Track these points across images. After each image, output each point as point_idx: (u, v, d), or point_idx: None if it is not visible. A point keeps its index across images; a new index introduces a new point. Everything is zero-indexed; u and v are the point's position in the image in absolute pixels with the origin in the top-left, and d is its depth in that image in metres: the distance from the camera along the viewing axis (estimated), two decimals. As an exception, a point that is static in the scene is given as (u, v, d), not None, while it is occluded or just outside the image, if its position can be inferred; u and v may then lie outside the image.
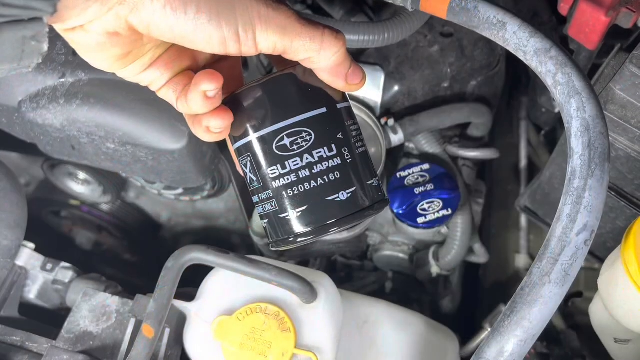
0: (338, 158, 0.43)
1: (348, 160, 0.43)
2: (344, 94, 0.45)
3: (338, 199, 0.42)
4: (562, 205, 0.50)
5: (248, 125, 0.42)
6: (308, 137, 0.42)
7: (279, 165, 0.42)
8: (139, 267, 1.29)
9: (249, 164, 0.43)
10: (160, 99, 0.65)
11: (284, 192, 0.42)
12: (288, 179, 0.42)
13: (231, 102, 0.42)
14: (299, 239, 0.43)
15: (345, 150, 0.43)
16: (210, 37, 0.38)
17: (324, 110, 0.42)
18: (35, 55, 0.36)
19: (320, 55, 0.40)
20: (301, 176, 0.42)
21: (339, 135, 0.43)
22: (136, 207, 1.20)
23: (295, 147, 0.42)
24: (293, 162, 0.42)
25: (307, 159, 0.42)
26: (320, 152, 0.42)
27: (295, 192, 0.42)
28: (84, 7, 0.36)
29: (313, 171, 0.42)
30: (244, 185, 0.90)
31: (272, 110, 0.41)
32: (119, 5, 0.37)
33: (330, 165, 0.42)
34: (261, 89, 0.41)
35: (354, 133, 0.45)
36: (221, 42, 0.38)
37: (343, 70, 0.42)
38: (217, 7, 0.37)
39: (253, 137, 0.42)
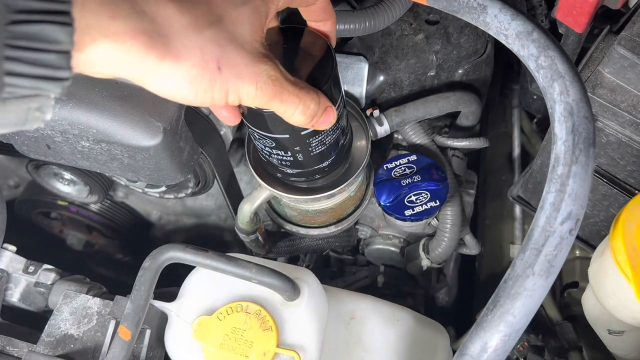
0: (291, 157, 0.63)
1: (299, 159, 0.63)
2: None
3: (287, 173, 0.67)
4: (546, 194, 0.48)
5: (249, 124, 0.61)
6: (270, 143, 0.61)
7: (258, 144, 0.64)
8: (131, 266, 1.28)
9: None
10: (134, 95, 0.64)
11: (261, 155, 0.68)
12: (262, 152, 0.66)
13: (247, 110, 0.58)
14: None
15: (298, 154, 0.62)
16: (201, 103, 0.46)
17: (286, 136, 0.59)
18: (37, 121, 0.38)
19: (291, 120, 0.52)
20: (267, 155, 0.65)
21: (296, 148, 0.61)
22: (125, 206, 1.19)
23: (263, 141, 0.62)
24: (262, 147, 0.64)
25: (268, 150, 0.63)
26: (278, 153, 0.62)
27: (265, 161, 0.68)
28: (96, 75, 0.41)
29: (271, 157, 0.64)
30: (229, 182, 0.89)
31: (259, 123, 0.59)
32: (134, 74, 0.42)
33: (284, 159, 0.63)
34: (258, 114, 0.57)
35: (314, 143, 0.61)
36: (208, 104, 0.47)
37: (310, 123, 0.53)
38: (211, 87, 0.45)
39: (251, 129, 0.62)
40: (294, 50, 0.57)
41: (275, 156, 0.63)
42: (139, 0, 0.40)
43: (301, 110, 0.51)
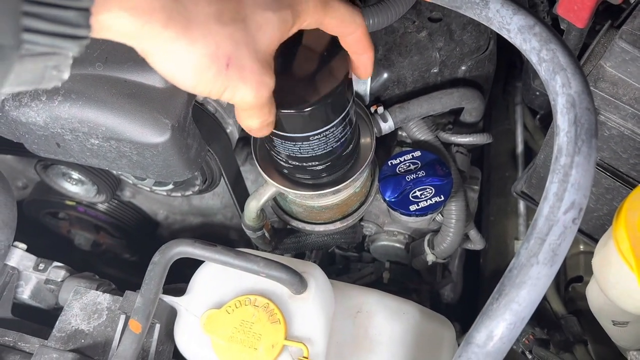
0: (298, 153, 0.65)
1: (307, 155, 0.65)
2: None
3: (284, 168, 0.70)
4: (549, 184, 0.49)
5: None
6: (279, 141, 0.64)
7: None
8: (138, 266, 1.28)
9: None
10: (142, 93, 0.65)
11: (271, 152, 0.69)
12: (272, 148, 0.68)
13: None
14: None
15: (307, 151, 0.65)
16: (198, 92, 0.47)
17: (297, 135, 0.63)
18: (54, 80, 0.37)
19: (242, 122, 0.54)
20: (276, 153, 0.68)
21: (304, 144, 0.64)
22: (133, 206, 1.20)
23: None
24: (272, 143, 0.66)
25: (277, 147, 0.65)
26: (286, 149, 0.65)
27: (274, 157, 0.70)
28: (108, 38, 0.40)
29: (279, 154, 0.67)
30: (235, 179, 0.90)
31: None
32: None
33: (292, 154, 0.66)
34: None
35: (323, 140, 0.63)
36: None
37: (251, 131, 0.56)
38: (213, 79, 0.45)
39: None
40: (312, 53, 0.59)
41: (284, 150, 0.65)
42: None
43: (259, 122, 0.53)
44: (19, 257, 0.79)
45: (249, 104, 0.49)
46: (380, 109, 0.82)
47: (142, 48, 0.42)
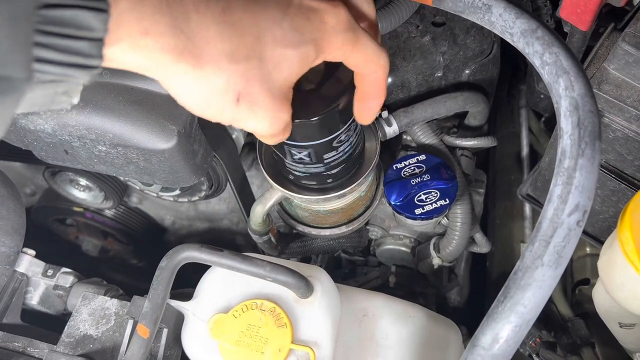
0: (306, 161, 0.66)
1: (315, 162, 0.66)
2: None
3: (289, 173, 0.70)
4: (553, 187, 0.49)
5: None
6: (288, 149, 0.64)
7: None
8: (146, 271, 1.29)
9: None
10: (149, 100, 0.66)
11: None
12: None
13: None
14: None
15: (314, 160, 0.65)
16: (206, 118, 0.47)
17: (308, 143, 0.63)
18: (64, 104, 0.37)
19: (258, 135, 0.53)
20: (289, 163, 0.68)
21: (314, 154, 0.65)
22: (140, 211, 1.21)
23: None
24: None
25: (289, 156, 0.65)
26: (293, 158, 0.65)
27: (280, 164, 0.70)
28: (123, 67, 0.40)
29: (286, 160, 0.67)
30: (241, 184, 0.90)
31: None
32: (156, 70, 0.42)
33: (298, 164, 0.66)
34: None
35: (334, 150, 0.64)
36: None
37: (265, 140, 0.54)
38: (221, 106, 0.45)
39: None
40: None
41: (290, 157, 0.65)
42: (181, 17, 0.39)
43: (271, 142, 0.54)
44: (28, 263, 0.80)
45: (261, 135, 0.49)
46: (385, 113, 0.82)
47: (152, 75, 0.42)
